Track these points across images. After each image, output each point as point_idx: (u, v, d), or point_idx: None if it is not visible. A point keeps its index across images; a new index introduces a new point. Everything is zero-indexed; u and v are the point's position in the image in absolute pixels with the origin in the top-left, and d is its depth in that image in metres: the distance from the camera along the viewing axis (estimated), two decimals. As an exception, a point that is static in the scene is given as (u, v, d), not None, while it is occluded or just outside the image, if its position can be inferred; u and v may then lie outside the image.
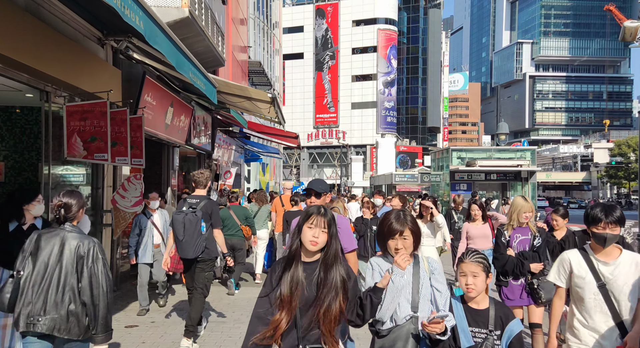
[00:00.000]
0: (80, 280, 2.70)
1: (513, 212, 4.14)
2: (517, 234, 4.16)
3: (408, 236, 2.38)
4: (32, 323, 2.64)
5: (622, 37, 5.94)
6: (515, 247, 4.14)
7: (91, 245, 2.75)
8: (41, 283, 2.68)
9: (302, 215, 2.19)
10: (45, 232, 2.78)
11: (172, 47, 4.67)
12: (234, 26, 13.85)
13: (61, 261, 2.70)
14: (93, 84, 5.72)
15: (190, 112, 9.69)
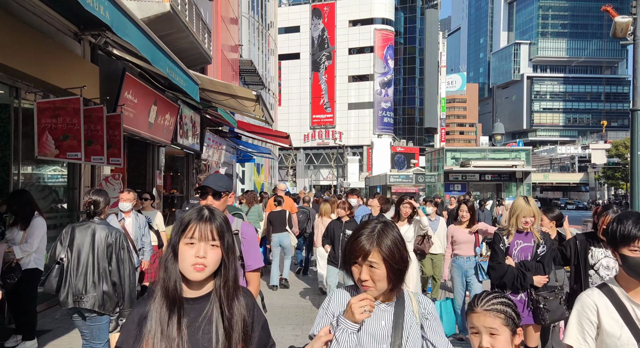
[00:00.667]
0: (110, 263, 3.29)
1: (512, 216, 3.52)
2: (518, 241, 3.53)
3: (378, 264, 1.50)
4: (78, 301, 3.23)
5: (612, 33, 5.75)
6: (516, 255, 3.51)
7: (117, 235, 3.34)
8: (79, 268, 3.25)
9: (174, 226, 1.43)
10: (78, 224, 3.36)
11: (146, 40, 4.44)
12: (224, 24, 13.62)
13: (93, 249, 3.26)
14: (67, 80, 5.50)
15: (176, 111, 9.47)
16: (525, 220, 3.46)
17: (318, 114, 59.50)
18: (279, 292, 7.63)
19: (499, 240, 3.57)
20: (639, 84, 5.50)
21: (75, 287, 3.22)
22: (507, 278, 3.46)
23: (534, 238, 3.52)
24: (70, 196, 6.30)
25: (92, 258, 3.26)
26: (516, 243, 3.53)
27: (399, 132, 64.87)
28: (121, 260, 3.31)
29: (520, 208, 3.50)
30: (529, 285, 3.44)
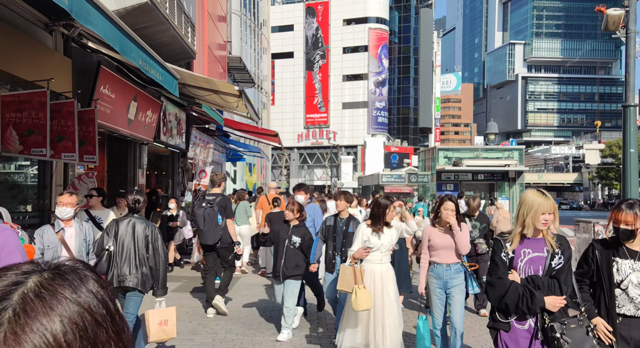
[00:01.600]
0: (147, 251, 4.01)
1: (526, 214, 2.62)
2: (525, 249, 2.67)
3: None
4: (122, 281, 3.95)
5: (604, 26, 5.54)
6: (522, 268, 2.67)
7: (152, 228, 4.12)
8: (122, 255, 3.97)
9: None
10: (121, 219, 4.10)
11: (113, 28, 4.16)
12: (212, 21, 13.33)
13: (134, 239, 4.00)
14: (34, 73, 5.22)
15: (158, 108, 9.18)
16: (545, 218, 2.59)
17: (312, 114, 59.24)
18: (263, 294, 7.38)
19: (501, 249, 2.70)
20: (631, 79, 5.30)
21: (121, 270, 3.97)
22: (509, 299, 2.57)
23: (546, 246, 2.64)
24: (41, 195, 6.01)
25: (133, 247, 4.00)
26: (523, 253, 2.67)
27: (394, 131, 64.73)
28: (156, 248, 4.07)
29: (537, 203, 2.59)
30: (539, 308, 2.57)
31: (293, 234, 5.12)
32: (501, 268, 2.68)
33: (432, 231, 4.37)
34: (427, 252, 4.41)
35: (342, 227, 5.09)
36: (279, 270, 5.08)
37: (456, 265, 4.28)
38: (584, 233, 6.79)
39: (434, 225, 4.41)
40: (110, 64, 7.12)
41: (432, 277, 4.34)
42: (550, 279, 2.62)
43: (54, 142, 5.46)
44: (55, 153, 5.49)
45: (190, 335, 5.25)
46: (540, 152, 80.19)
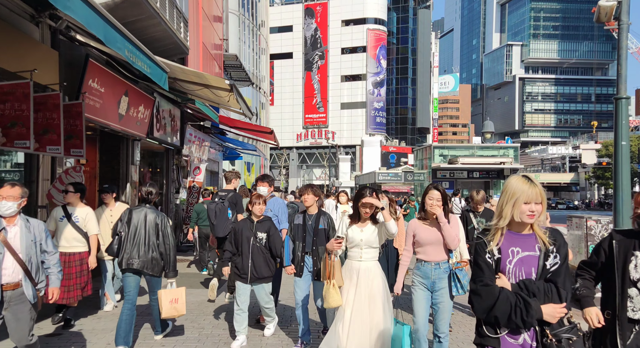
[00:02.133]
0: (157, 238, 4.44)
1: (505, 203, 2.21)
2: (514, 248, 2.21)
3: None
4: (130, 263, 4.38)
5: (596, 18, 5.49)
6: (512, 271, 2.20)
7: (162, 217, 4.53)
8: (134, 240, 4.41)
9: None
10: (134, 208, 4.51)
11: (95, 15, 4.05)
12: (207, 19, 13.27)
13: (145, 226, 4.42)
14: (17, 64, 5.14)
15: (151, 103, 9.10)
16: (530, 209, 2.13)
17: (311, 114, 59.21)
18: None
19: (484, 248, 2.23)
20: (623, 70, 5.24)
21: (130, 254, 4.39)
22: (499, 311, 2.13)
23: (538, 243, 2.19)
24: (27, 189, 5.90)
25: (144, 234, 4.41)
26: (511, 252, 2.21)
27: (392, 132, 64.72)
28: (166, 235, 4.48)
29: (520, 191, 2.16)
30: (536, 320, 2.11)
31: (258, 230, 4.62)
32: (486, 272, 2.20)
33: (417, 225, 3.89)
34: (409, 249, 3.93)
35: (312, 224, 4.53)
36: (247, 271, 4.55)
37: (446, 263, 3.81)
38: (576, 229, 6.72)
39: (420, 218, 3.92)
40: (100, 58, 7.04)
41: (418, 276, 3.83)
42: (546, 283, 2.15)
43: (39, 135, 5.38)
44: (40, 146, 5.41)
45: (176, 329, 5.18)
46: (537, 152, 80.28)
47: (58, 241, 5.02)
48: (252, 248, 4.59)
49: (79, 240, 5.13)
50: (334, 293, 3.68)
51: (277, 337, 5.02)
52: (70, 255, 5.08)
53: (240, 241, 4.62)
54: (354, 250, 3.78)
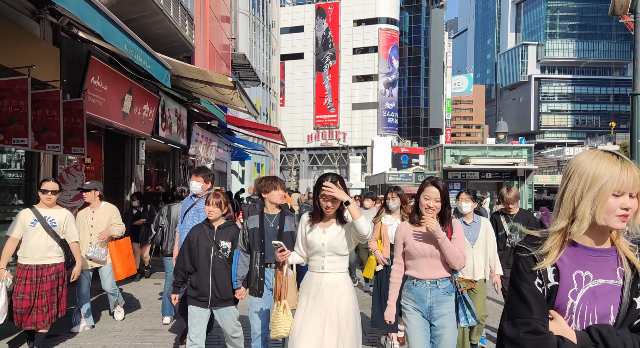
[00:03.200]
0: None
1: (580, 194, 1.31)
2: (581, 271, 1.34)
3: None
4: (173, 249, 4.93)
5: (611, 11, 5.25)
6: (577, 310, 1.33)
7: None
8: (171, 229, 5.17)
9: None
10: (172, 204, 5.26)
11: (90, 8, 3.95)
12: (215, 18, 13.21)
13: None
14: (15, 60, 5.08)
15: (156, 102, 9.04)
16: (624, 205, 1.28)
17: (322, 115, 59.08)
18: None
19: (529, 268, 1.36)
20: (639, 65, 4.98)
21: (171, 242, 5.04)
22: None
23: (621, 266, 1.34)
24: (28, 188, 5.87)
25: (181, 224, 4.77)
26: (577, 279, 1.34)
27: (404, 132, 64.26)
28: None
29: (607, 175, 1.29)
30: None
31: (220, 239, 3.60)
32: (534, 308, 1.31)
33: (408, 230, 2.98)
34: (401, 262, 3.02)
35: (274, 226, 3.57)
36: (207, 292, 3.52)
37: (446, 281, 2.87)
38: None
39: (412, 221, 3.00)
40: (103, 55, 6.98)
41: (409, 300, 2.94)
42: (635, 334, 1.28)
43: (38, 132, 5.32)
44: (39, 144, 5.35)
45: (175, 330, 5.06)
46: (554, 153, 79.02)
47: (27, 251, 4.10)
48: (212, 261, 3.55)
49: (54, 250, 4.19)
50: (284, 319, 2.80)
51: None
52: (44, 268, 4.12)
53: (196, 254, 3.57)
54: (315, 258, 2.84)
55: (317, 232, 2.83)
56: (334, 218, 2.84)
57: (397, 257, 3.04)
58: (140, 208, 7.86)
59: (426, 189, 2.93)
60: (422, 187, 2.98)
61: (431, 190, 2.90)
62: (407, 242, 2.97)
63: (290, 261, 2.92)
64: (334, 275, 2.80)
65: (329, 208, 2.77)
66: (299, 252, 2.98)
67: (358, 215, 2.66)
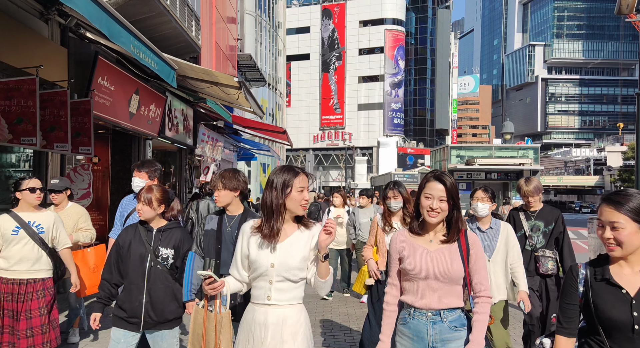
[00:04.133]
0: None
1: None
2: None
3: None
4: None
5: (617, 10, 5.21)
6: None
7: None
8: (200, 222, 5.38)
9: None
10: (201, 200, 5.49)
11: (97, 8, 3.99)
12: (222, 19, 13.28)
13: (208, 211, 5.19)
14: (23, 60, 5.14)
15: (162, 102, 9.10)
16: None
17: (327, 115, 59.10)
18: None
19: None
20: (650, 64, 4.95)
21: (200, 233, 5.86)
22: None
23: None
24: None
25: None
26: None
27: (410, 133, 64.13)
28: None
29: None
30: None
31: (159, 244, 2.80)
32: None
33: (406, 242, 2.20)
34: (396, 283, 2.23)
35: (232, 231, 2.92)
36: (140, 312, 2.71)
37: (454, 312, 2.11)
38: (599, 232, 6.40)
39: (412, 230, 2.22)
40: (110, 56, 7.04)
41: (405, 336, 2.17)
42: None
43: (46, 132, 5.38)
44: (47, 143, 5.41)
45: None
46: (561, 154, 78.49)
47: (9, 264, 3.36)
48: (148, 273, 2.74)
49: (43, 261, 3.46)
50: None
51: None
52: (31, 284, 3.38)
53: (128, 262, 2.76)
54: (260, 284, 2.07)
55: (265, 248, 2.05)
56: (294, 223, 2.11)
57: (392, 277, 2.23)
58: None
59: (428, 186, 2.15)
60: (423, 183, 2.20)
61: (434, 187, 2.13)
62: (404, 258, 2.14)
63: (224, 292, 2.10)
64: (284, 309, 2.03)
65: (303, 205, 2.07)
66: (237, 276, 2.14)
67: (326, 274, 2.04)
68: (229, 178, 2.98)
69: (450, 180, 2.19)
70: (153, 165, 3.90)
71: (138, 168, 3.85)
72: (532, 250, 3.86)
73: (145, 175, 3.81)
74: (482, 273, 2.15)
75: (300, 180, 2.08)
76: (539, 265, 3.82)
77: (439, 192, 2.14)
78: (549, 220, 3.88)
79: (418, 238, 2.20)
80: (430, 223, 2.16)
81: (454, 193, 2.15)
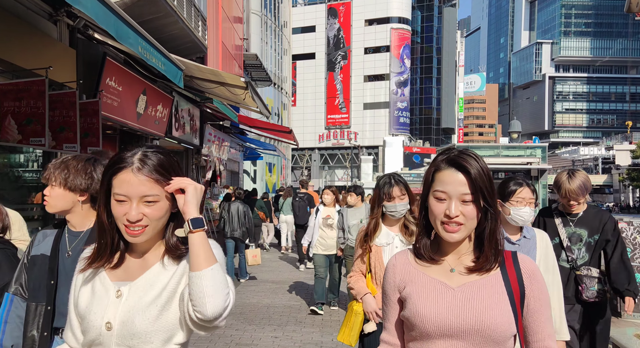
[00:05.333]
0: (245, 219, 8.24)
1: None
2: None
3: None
4: (232, 234, 8.10)
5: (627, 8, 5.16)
6: None
7: (246, 207, 8.37)
8: (232, 220, 8.13)
9: None
10: (232, 202, 8.28)
11: (105, 9, 4.01)
12: (228, 19, 13.31)
13: (238, 212, 8.13)
14: (33, 61, 5.18)
15: (169, 102, 9.14)
16: None
17: (333, 114, 59.09)
18: (271, 290, 7.21)
19: None
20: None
21: (232, 228, 8.02)
22: None
23: None
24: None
25: (237, 217, 8.09)
26: None
27: (416, 132, 63.98)
28: (249, 218, 8.24)
29: None
30: None
31: None
32: None
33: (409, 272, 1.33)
34: (395, 342, 1.36)
35: (74, 259, 1.51)
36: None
37: None
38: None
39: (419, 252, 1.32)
40: (118, 57, 7.09)
41: None
42: None
43: (55, 132, 5.42)
44: (56, 144, 5.45)
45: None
46: (568, 153, 77.96)
47: None
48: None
49: None
50: None
51: None
52: None
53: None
54: None
55: (100, 292, 1.23)
56: (154, 252, 1.25)
57: (388, 330, 1.38)
58: None
59: (440, 177, 1.26)
60: (431, 173, 1.30)
61: (451, 178, 1.24)
62: (407, 298, 1.29)
63: None
64: None
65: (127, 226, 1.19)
66: (73, 343, 1.26)
67: (205, 256, 1.14)
68: (73, 171, 1.82)
69: (477, 165, 1.23)
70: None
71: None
72: (572, 268, 2.82)
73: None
74: (546, 330, 1.25)
75: (118, 180, 1.17)
76: (581, 288, 2.76)
77: (459, 187, 1.22)
78: (594, 228, 2.82)
79: (430, 266, 1.30)
80: (448, 242, 1.26)
81: (485, 187, 1.22)
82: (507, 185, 2.43)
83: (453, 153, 1.28)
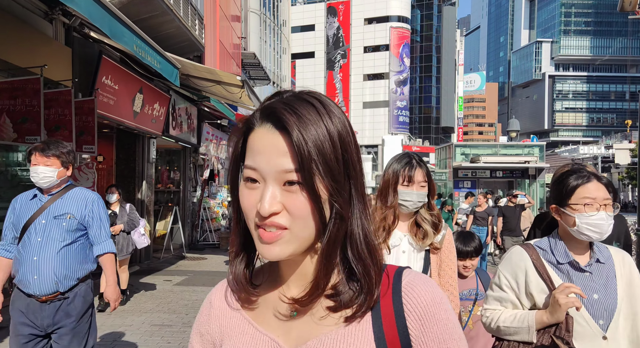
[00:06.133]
0: None
1: None
2: None
3: None
4: None
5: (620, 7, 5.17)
6: None
7: None
8: None
9: None
10: None
11: (98, 8, 4.02)
12: (225, 18, 13.30)
13: None
14: (28, 60, 5.19)
15: (166, 101, 9.15)
16: None
17: (333, 113, 59.07)
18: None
19: None
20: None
21: None
22: None
23: None
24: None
25: None
26: None
27: (415, 131, 63.96)
28: None
29: None
30: None
31: None
32: None
33: (232, 317, 0.76)
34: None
35: None
36: None
37: None
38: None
39: (235, 281, 0.74)
40: (114, 55, 7.09)
41: None
42: None
43: (51, 131, 5.43)
44: (52, 142, 5.47)
45: (184, 327, 5.13)
46: (568, 152, 77.98)
47: None
48: None
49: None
50: None
51: None
52: None
53: None
54: None
55: None
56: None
57: None
58: (117, 208, 5.77)
59: (251, 143, 0.67)
60: (241, 134, 0.70)
61: (265, 142, 0.65)
62: None
63: None
64: None
65: None
66: None
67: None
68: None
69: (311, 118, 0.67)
70: (63, 146, 2.62)
71: (42, 151, 2.52)
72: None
73: (57, 161, 2.54)
74: None
75: None
76: None
77: (277, 159, 0.68)
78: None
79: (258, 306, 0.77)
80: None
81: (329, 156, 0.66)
82: (564, 180, 1.57)
83: (278, 97, 0.70)
